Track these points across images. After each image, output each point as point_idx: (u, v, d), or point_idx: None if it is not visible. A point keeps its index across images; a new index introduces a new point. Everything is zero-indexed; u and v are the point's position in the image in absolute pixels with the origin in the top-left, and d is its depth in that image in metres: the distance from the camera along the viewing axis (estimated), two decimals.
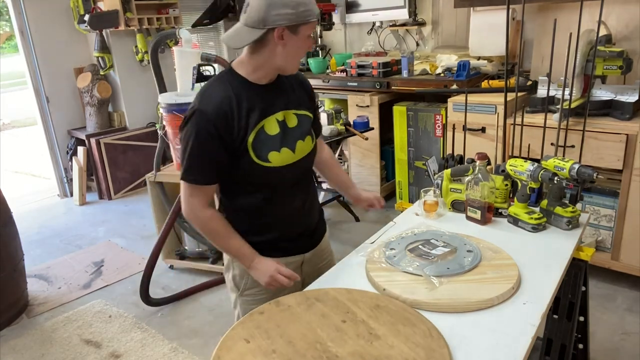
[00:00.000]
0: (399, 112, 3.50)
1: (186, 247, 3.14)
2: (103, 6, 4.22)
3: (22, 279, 2.81)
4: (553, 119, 2.40)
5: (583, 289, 1.59)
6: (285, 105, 1.34)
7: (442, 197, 1.69)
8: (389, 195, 3.98)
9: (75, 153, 4.57)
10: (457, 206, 1.65)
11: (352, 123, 3.39)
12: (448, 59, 3.47)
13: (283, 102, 1.34)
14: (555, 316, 1.55)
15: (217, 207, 1.44)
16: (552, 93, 2.60)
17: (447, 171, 1.66)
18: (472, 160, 1.59)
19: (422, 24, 3.85)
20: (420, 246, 1.37)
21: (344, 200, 3.76)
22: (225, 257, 1.48)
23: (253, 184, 1.33)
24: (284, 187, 1.37)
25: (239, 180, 1.33)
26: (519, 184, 1.52)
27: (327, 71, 3.99)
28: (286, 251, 1.43)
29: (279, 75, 1.36)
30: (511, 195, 1.63)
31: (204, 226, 1.34)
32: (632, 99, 2.46)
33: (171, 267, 3.16)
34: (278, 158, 1.29)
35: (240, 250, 1.35)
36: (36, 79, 4.36)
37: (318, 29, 4.14)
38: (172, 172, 2.89)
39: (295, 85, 1.40)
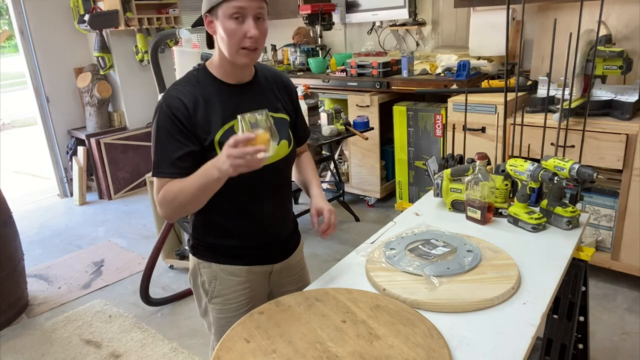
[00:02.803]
0: (399, 112, 3.50)
1: (186, 247, 3.14)
2: (103, 6, 4.23)
3: (22, 279, 2.81)
4: (553, 119, 2.40)
5: (583, 289, 1.59)
6: (260, 107, 1.26)
7: (442, 196, 1.69)
8: (389, 195, 3.98)
9: (75, 153, 4.57)
10: (457, 206, 1.65)
11: (352, 123, 3.39)
12: (448, 59, 3.47)
13: (257, 103, 1.28)
14: (555, 316, 1.55)
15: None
16: (552, 93, 2.60)
17: (447, 171, 1.66)
18: (472, 160, 1.59)
19: (422, 23, 3.85)
20: (420, 246, 1.37)
21: (344, 200, 3.76)
22: (191, 262, 1.40)
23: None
24: (252, 191, 1.29)
25: None
26: (519, 184, 1.52)
27: (327, 71, 3.99)
28: (250, 260, 1.36)
29: (257, 75, 1.32)
30: (511, 195, 1.63)
31: (170, 200, 1.19)
32: (632, 99, 2.46)
33: (171, 267, 3.16)
34: None
35: (202, 176, 1.15)
36: (36, 79, 4.36)
37: (318, 28, 4.14)
38: None
39: (276, 88, 1.36)
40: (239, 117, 1.07)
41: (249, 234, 1.35)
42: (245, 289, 1.37)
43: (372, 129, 3.49)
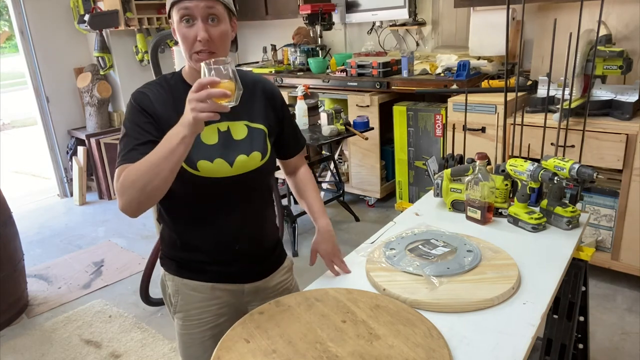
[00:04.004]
0: (399, 112, 3.50)
1: None
2: (103, 6, 4.23)
3: (22, 279, 2.81)
4: (553, 118, 2.40)
5: (583, 289, 1.59)
6: (235, 116, 1.21)
7: (442, 196, 1.69)
8: (389, 195, 3.98)
9: (75, 153, 4.57)
10: (457, 206, 1.65)
11: (352, 123, 3.39)
12: (448, 59, 3.47)
13: (231, 112, 1.11)
14: (555, 316, 1.55)
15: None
16: (552, 93, 2.60)
17: (447, 171, 1.66)
18: (472, 160, 1.59)
19: (422, 23, 3.85)
20: (420, 246, 1.37)
21: (344, 200, 3.76)
22: (161, 275, 1.35)
23: (181, 191, 1.18)
24: (217, 203, 1.22)
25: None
26: (519, 184, 1.52)
27: (327, 71, 3.99)
28: (214, 276, 1.28)
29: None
30: (511, 195, 1.63)
31: (131, 182, 1.03)
32: (632, 98, 2.46)
33: None
34: (209, 168, 1.16)
35: (166, 141, 1.02)
36: (36, 79, 4.36)
37: (318, 28, 4.14)
38: None
39: (260, 97, 1.28)
40: (202, 64, 0.98)
41: (210, 248, 1.27)
42: (211, 307, 1.30)
43: (372, 129, 3.49)
